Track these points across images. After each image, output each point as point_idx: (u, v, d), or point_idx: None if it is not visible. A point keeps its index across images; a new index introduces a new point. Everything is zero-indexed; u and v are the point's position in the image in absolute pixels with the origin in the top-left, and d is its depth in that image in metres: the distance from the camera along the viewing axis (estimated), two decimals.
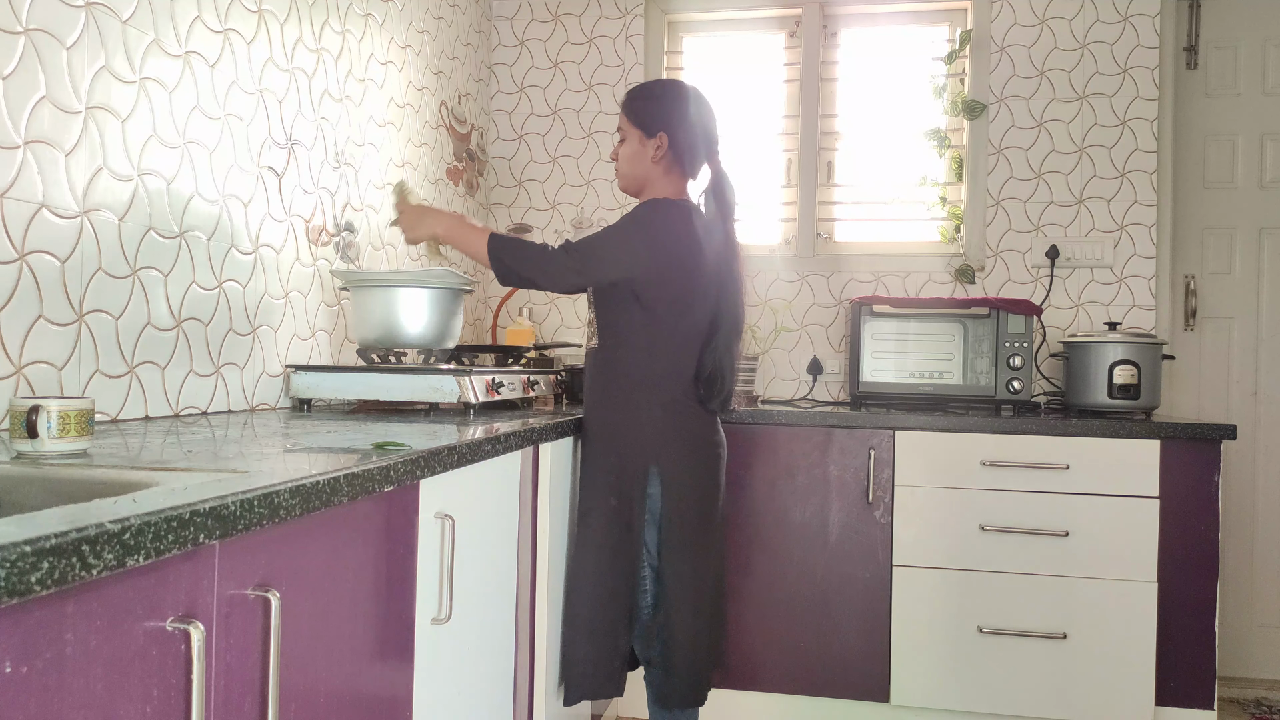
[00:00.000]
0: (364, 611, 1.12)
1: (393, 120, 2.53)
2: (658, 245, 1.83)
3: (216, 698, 0.84)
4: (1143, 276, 2.94)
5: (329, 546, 1.03)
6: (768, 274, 3.13)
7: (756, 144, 3.21)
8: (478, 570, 1.51)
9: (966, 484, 2.39)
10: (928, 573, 2.40)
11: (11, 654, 0.62)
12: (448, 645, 1.37)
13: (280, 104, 1.99)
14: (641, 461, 1.86)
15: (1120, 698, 2.31)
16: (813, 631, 2.45)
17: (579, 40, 3.27)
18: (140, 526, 0.69)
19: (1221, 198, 2.99)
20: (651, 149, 1.92)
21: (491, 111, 3.32)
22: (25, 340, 1.35)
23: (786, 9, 3.17)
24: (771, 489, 2.48)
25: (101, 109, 1.48)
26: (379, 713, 1.16)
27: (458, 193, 3.02)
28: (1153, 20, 2.93)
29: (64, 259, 1.42)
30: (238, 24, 1.83)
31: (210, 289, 1.78)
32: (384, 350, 2.08)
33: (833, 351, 3.10)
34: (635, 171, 1.95)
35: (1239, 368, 2.97)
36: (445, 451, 1.25)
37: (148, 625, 0.74)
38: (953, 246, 3.08)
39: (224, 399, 1.83)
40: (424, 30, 2.73)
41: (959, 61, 3.07)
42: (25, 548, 0.59)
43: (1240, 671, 2.92)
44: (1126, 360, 2.56)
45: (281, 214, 2.00)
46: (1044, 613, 2.34)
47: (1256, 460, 2.95)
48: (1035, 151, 3.00)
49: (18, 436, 1.06)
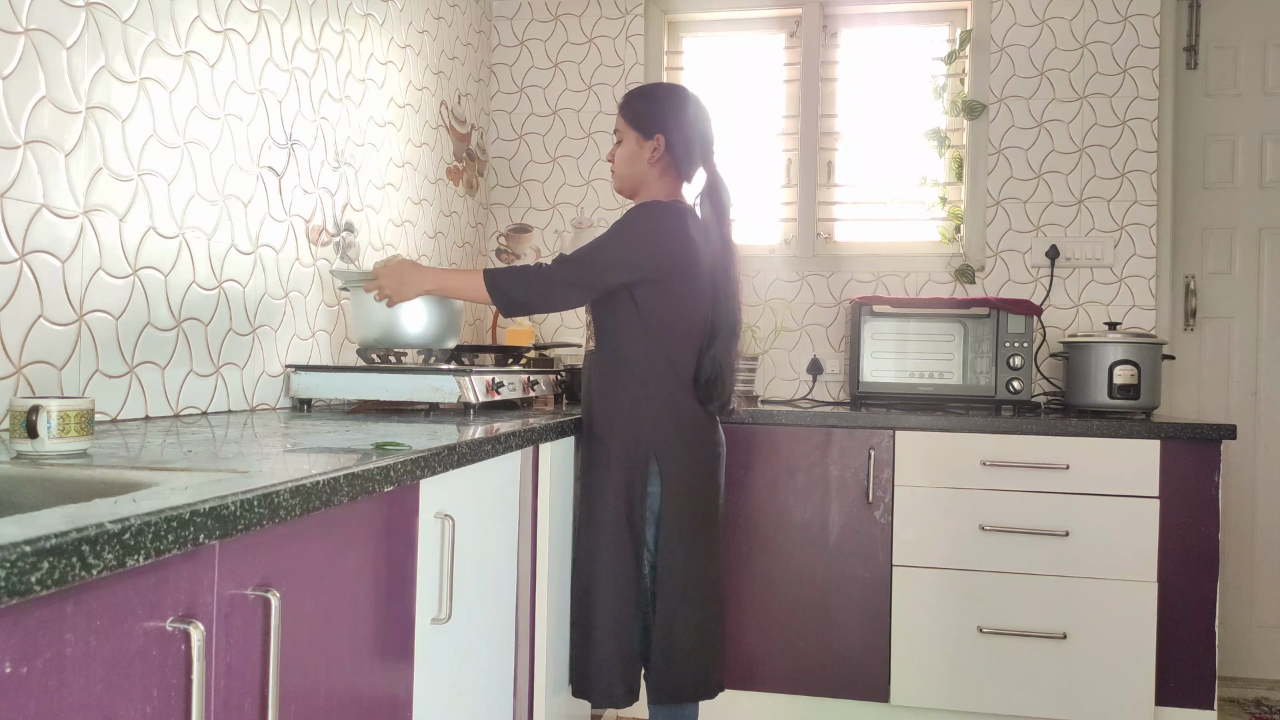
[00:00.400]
0: (364, 611, 1.12)
1: (393, 120, 2.53)
2: (655, 247, 1.83)
3: (216, 698, 0.84)
4: (1143, 276, 2.94)
5: (329, 546, 1.03)
6: (768, 274, 3.13)
7: (756, 144, 3.21)
8: (478, 570, 1.51)
9: (966, 484, 2.39)
10: (928, 573, 2.40)
11: (11, 654, 0.62)
12: (448, 645, 1.37)
13: (280, 104, 1.99)
14: (642, 460, 1.86)
15: (1120, 698, 2.31)
16: (813, 631, 2.45)
17: (579, 40, 3.27)
18: (140, 526, 0.69)
19: (1221, 198, 2.99)
20: (648, 151, 1.93)
21: (491, 111, 3.32)
22: (25, 340, 1.35)
23: (786, 9, 3.17)
24: (771, 489, 2.48)
25: (101, 109, 1.48)
26: (379, 713, 1.16)
27: (458, 193, 3.02)
28: (1153, 20, 2.93)
29: (64, 259, 1.42)
30: (238, 24, 1.83)
31: (210, 289, 1.78)
32: (384, 350, 2.08)
33: (833, 351, 3.10)
34: (632, 173, 1.96)
35: (1239, 368, 2.97)
36: (445, 451, 1.25)
37: (148, 625, 0.74)
38: (953, 246, 3.08)
39: (224, 399, 1.83)
40: (424, 30, 2.73)
41: (959, 61, 3.07)
42: (25, 548, 0.59)
43: (1240, 671, 2.92)
44: (1126, 360, 2.56)
45: (281, 214, 2.00)
46: (1044, 613, 2.34)
47: (1256, 460, 2.95)
48: (1035, 151, 3.00)
49: (18, 436, 1.06)
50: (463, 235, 3.07)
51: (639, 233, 1.84)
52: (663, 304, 1.86)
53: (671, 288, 1.86)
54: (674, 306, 1.87)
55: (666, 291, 1.85)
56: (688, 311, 1.89)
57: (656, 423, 1.87)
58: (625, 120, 1.96)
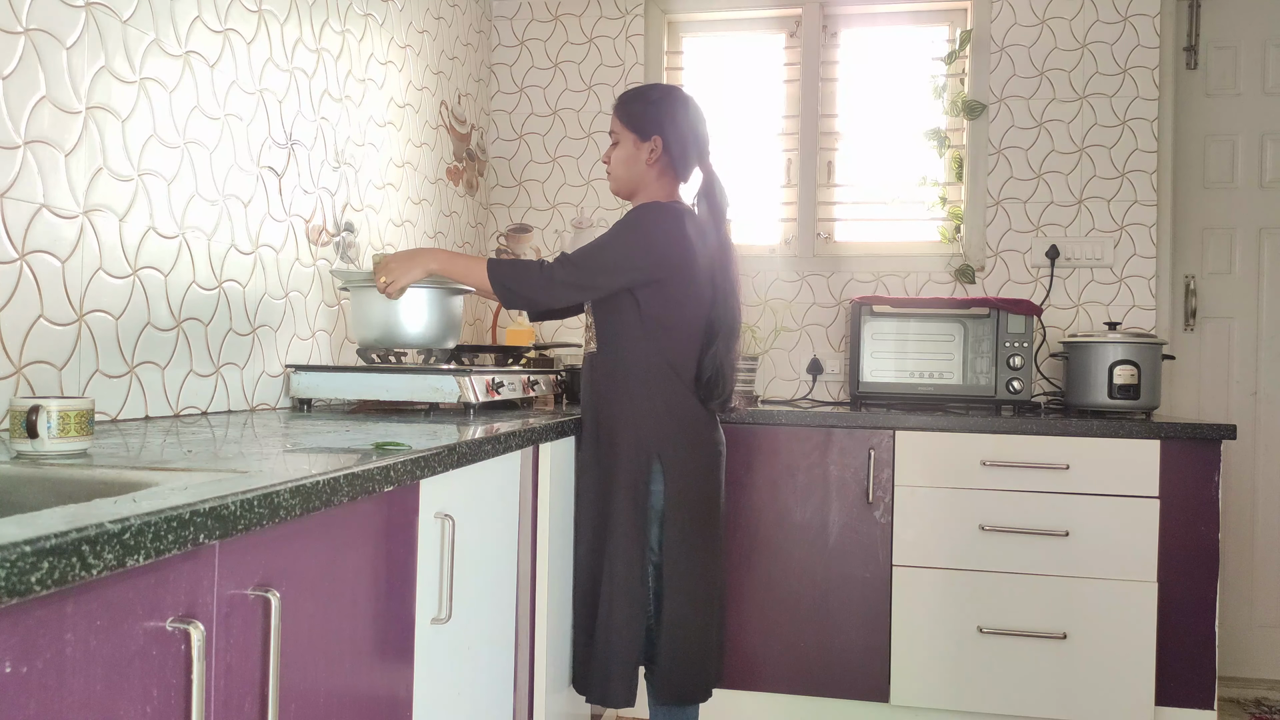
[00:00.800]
0: (364, 611, 1.12)
1: (393, 120, 2.53)
2: (654, 250, 1.83)
3: (216, 698, 0.84)
4: (1143, 276, 2.94)
5: (329, 546, 1.03)
6: (768, 274, 3.13)
7: (756, 144, 3.21)
8: (478, 570, 1.51)
9: (966, 484, 2.39)
10: (928, 573, 2.40)
11: (11, 654, 0.62)
12: (448, 645, 1.37)
13: (280, 104, 1.99)
14: (644, 459, 1.87)
15: (1120, 698, 2.31)
16: (813, 631, 2.45)
17: (579, 40, 3.27)
18: (140, 526, 0.69)
19: (1221, 198, 2.99)
20: (646, 152, 1.93)
21: (491, 111, 3.32)
22: (25, 340, 1.35)
23: (786, 9, 3.17)
24: (771, 489, 2.48)
25: (101, 109, 1.48)
26: (379, 713, 1.16)
27: (458, 193, 3.02)
28: (1153, 20, 2.93)
29: (64, 259, 1.42)
30: (238, 24, 1.83)
31: (210, 289, 1.78)
32: (384, 350, 2.08)
33: (833, 351, 3.10)
34: (629, 175, 1.96)
35: (1239, 368, 2.97)
36: (445, 451, 1.25)
37: (148, 625, 0.74)
38: (953, 246, 3.08)
39: (224, 399, 1.83)
40: (424, 30, 2.73)
41: (959, 61, 3.07)
42: (25, 548, 0.59)
43: (1240, 671, 2.92)
44: (1126, 360, 2.56)
45: (281, 214, 2.00)
46: (1044, 613, 2.34)
47: (1256, 460, 2.95)
48: (1035, 151, 3.00)
49: (18, 436, 1.06)
50: (463, 235, 3.07)
51: (638, 235, 1.84)
52: (662, 305, 1.86)
53: (671, 289, 1.86)
54: (674, 307, 1.87)
55: (666, 293, 1.86)
56: (688, 312, 1.89)
57: (659, 423, 1.87)
58: (621, 122, 1.96)
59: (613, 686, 1.86)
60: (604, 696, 1.87)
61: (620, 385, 1.89)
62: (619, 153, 1.96)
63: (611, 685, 1.86)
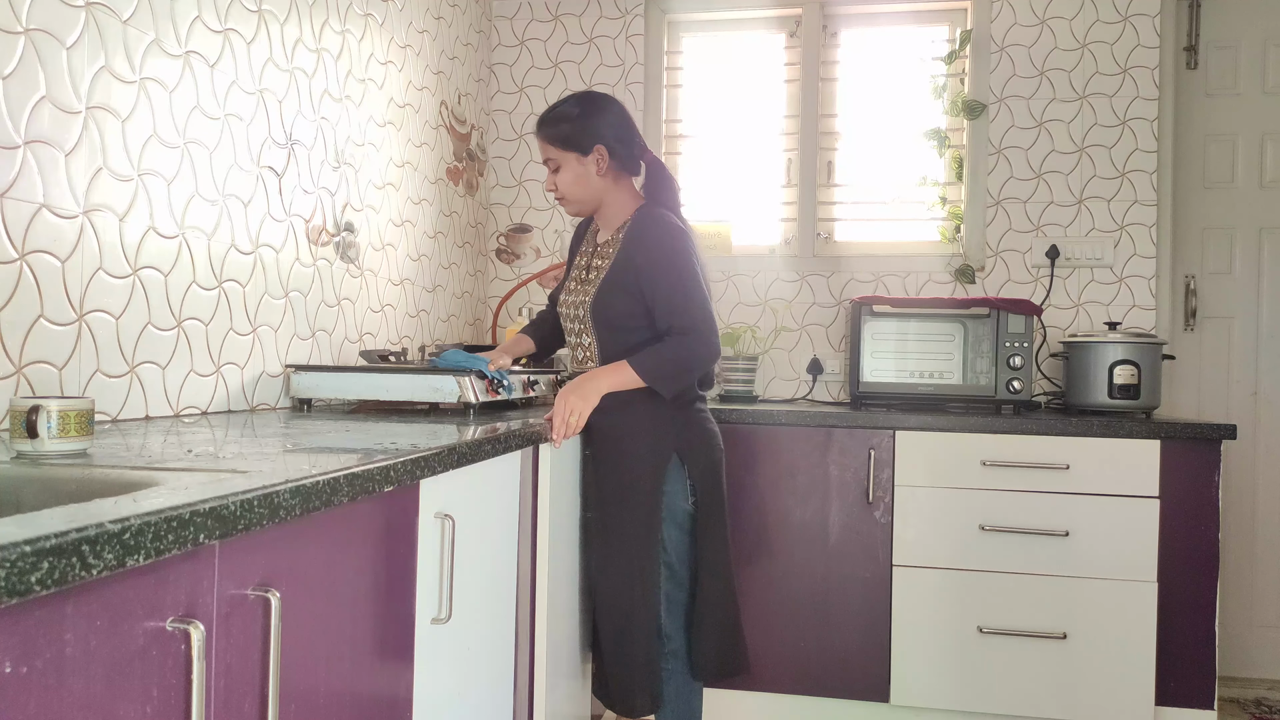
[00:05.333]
0: (364, 611, 1.12)
1: (393, 120, 2.53)
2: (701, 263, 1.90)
3: (216, 698, 0.84)
4: (1143, 276, 2.94)
5: (329, 546, 1.03)
6: (768, 274, 3.13)
7: (756, 144, 3.21)
8: (478, 570, 1.50)
9: (966, 484, 2.39)
10: (928, 573, 2.40)
11: (11, 654, 0.62)
12: (448, 645, 1.37)
13: (280, 104, 1.99)
14: (660, 460, 1.88)
15: (1120, 698, 2.31)
16: (813, 631, 2.45)
17: (579, 40, 3.27)
18: (140, 526, 0.69)
19: (1221, 198, 2.99)
20: (593, 165, 1.90)
21: (491, 111, 3.32)
22: (25, 340, 1.35)
23: (786, 9, 3.17)
24: (772, 489, 2.48)
25: (101, 109, 1.48)
26: (379, 713, 1.16)
27: (458, 192, 3.02)
28: (1153, 20, 2.93)
29: (64, 259, 1.42)
30: (238, 24, 1.83)
31: (210, 289, 1.78)
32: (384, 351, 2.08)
33: (833, 351, 3.10)
34: (587, 193, 1.93)
35: (1239, 368, 2.97)
36: (445, 451, 1.25)
37: (147, 625, 0.74)
38: (953, 246, 3.07)
39: (224, 399, 1.83)
40: (424, 30, 2.73)
41: (959, 61, 3.07)
42: (25, 548, 0.59)
43: (1240, 671, 2.92)
44: (1126, 360, 2.55)
45: (281, 214, 2.00)
46: (1044, 613, 2.34)
47: (1256, 460, 2.95)
48: (1035, 151, 3.00)
49: (18, 436, 1.06)
50: (463, 235, 3.07)
51: (689, 259, 1.86)
52: None
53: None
54: None
55: None
56: None
57: (675, 423, 1.90)
58: (556, 146, 1.90)
59: (638, 698, 1.87)
60: (630, 709, 1.87)
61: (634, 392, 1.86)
62: (565, 176, 1.91)
63: (636, 697, 1.87)
